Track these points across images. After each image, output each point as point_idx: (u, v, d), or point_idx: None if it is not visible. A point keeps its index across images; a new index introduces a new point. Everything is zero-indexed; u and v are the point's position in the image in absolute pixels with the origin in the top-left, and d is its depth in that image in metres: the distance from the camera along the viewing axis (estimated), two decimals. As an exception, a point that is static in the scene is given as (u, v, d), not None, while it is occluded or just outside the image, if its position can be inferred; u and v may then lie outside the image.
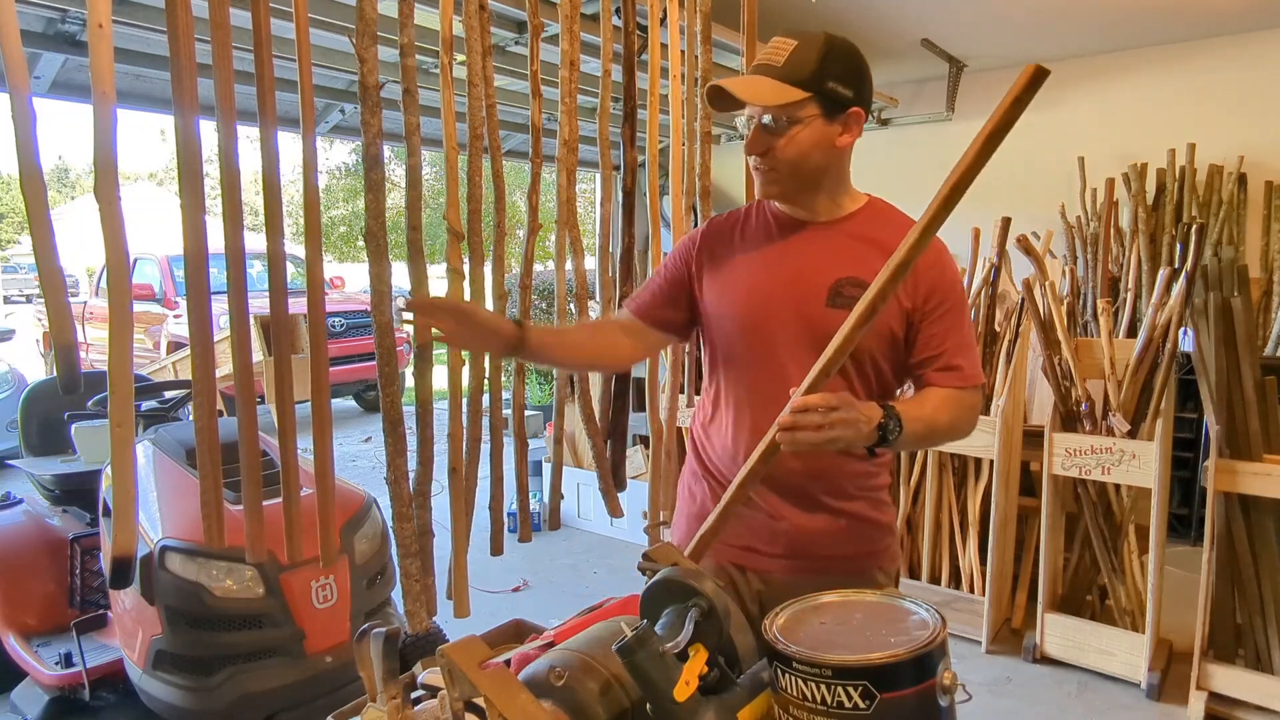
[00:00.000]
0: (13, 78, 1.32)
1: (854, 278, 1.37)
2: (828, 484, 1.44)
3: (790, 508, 1.44)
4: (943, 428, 1.37)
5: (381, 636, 0.98)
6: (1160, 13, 4.39)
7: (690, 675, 0.85)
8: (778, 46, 1.35)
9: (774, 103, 1.32)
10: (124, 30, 2.80)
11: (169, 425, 2.70)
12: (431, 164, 11.69)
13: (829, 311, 1.37)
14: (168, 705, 2.16)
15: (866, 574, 1.49)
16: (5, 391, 5.95)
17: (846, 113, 1.37)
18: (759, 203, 1.52)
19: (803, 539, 1.44)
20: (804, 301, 1.40)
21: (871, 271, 1.29)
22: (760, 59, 1.37)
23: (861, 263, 1.38)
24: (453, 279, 2.09)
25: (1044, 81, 1.04)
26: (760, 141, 1.37)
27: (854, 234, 1.43)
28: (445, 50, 2.01)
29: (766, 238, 1.48)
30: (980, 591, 3.21)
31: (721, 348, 1.50)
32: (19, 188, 1.35)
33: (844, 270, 1.39)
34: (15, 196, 23.44)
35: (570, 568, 4.11)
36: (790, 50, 1.34)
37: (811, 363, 1.29)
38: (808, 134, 1.35)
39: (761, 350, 1.43)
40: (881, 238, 1.39)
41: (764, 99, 1.33)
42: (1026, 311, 3.12)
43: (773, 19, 3.89)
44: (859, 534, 1.47)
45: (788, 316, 1.41)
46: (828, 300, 1.38)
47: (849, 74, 1.37)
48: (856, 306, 1.20)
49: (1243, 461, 2.55)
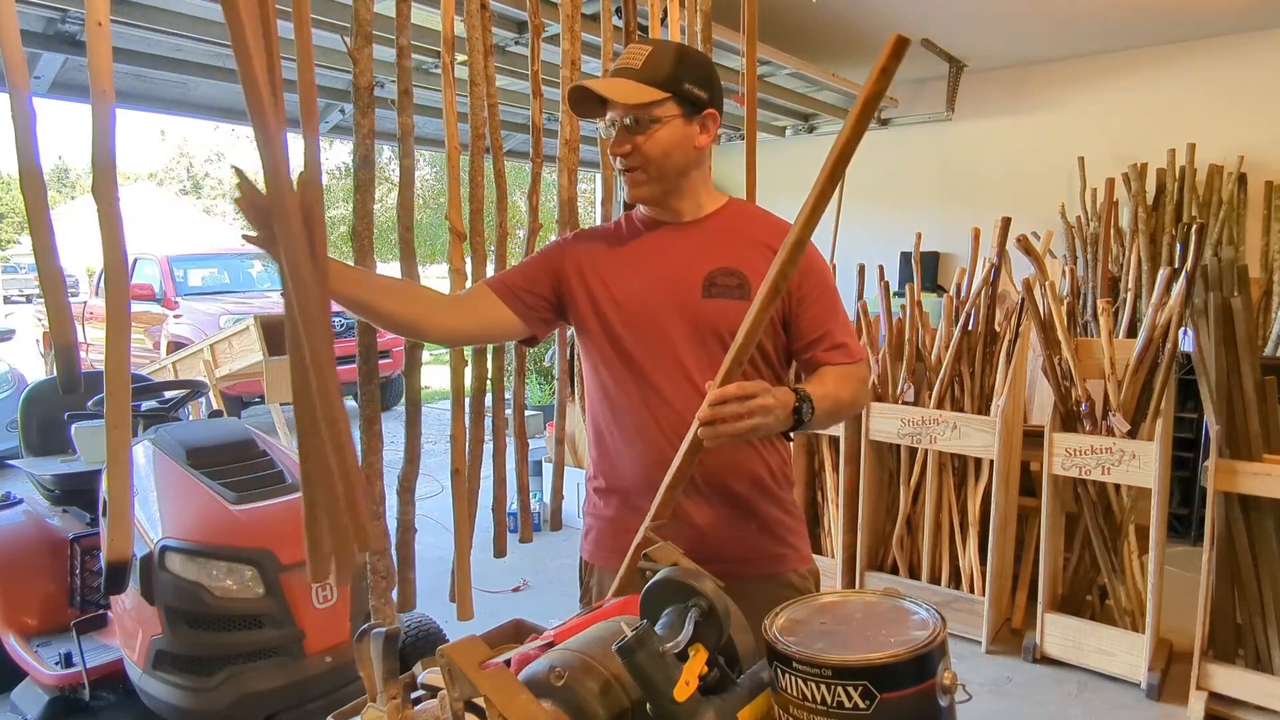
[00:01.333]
0: (13, 78, 1.32)
1: (725, 268, 1.44)
2: (729, 478, 1.45)
3: (700, 509, 1.44)
4: (846, 402, 1.42)
5: (381, 636, 0.98)
6: (1160, 13, 4.39)
7: (690, 675, 0.84)
8: (634, 52, 1.41)
9: (636, 101, 1.38)
10: (124, 30, 2.80)
11: (169, 425, 2.70)
12: (432, 164, 11.69)
13: (705, 302, 1.43)
14: (168, 705, 2.16)
15: (780, 576, 1.49)
16: (5, 391, 5.96)
17: (703, 114, 1.44)
18: (625, 214, 1.59)
19: (714, 542, 1.43)
20: (682, 296, 1.44)
21: (740, 260, 1.44)
22: (618, 64, 1.43)
23: (729, 254, 1.45)
24: (455, 279, 2.09)
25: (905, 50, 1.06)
26: (624, 141, 1.41)
27: (719, 229, 1.50)
28: (447, 50, 2.01)
29: (638, 242, 1.52)
30: (980, 591, 3.21)
31: (608, 354, 1.49)
32: (19, 188, 1.35)
33: (714, 263, 1.45)
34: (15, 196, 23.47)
35: (570, 568, 4.09)
36: (646, 55, 1.40)
37: (698, 355, 1.41)
38: (668, 133, 1.41)
39: (651, 349, 1.45)
40: (746, 230, 1.49)
41: (627, 97, 1.38)
42: (1026, 311, 3.12)
43: (773, 19, 3.89)
44: (769, 534, 1.48)
45: (670, 313, 1.44)
46: (703, 292, 1.44)
47: (703, 78, 1.44)
48: (761, 289, 1.18)
49: (1243, 461, 2.55)
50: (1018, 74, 5.43)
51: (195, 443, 2.47)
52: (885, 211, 5.86)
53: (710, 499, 1.45)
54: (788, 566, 1.51)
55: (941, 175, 5.79)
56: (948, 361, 3.27)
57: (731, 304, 1.42)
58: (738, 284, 1.43)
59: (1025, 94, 5.43)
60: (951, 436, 3.18)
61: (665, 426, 1.42)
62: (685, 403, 1.39)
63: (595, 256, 1.53)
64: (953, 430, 3.17)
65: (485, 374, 2.25)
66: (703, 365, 1.41)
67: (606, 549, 1.56)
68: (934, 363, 3.37)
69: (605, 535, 1.56)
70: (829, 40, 4.66)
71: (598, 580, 1.59)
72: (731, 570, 1.39)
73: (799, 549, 1.54)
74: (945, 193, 5.76)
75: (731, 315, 1.39)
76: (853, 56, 5.08)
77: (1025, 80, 5.41)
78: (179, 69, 3.27)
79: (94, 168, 1.41)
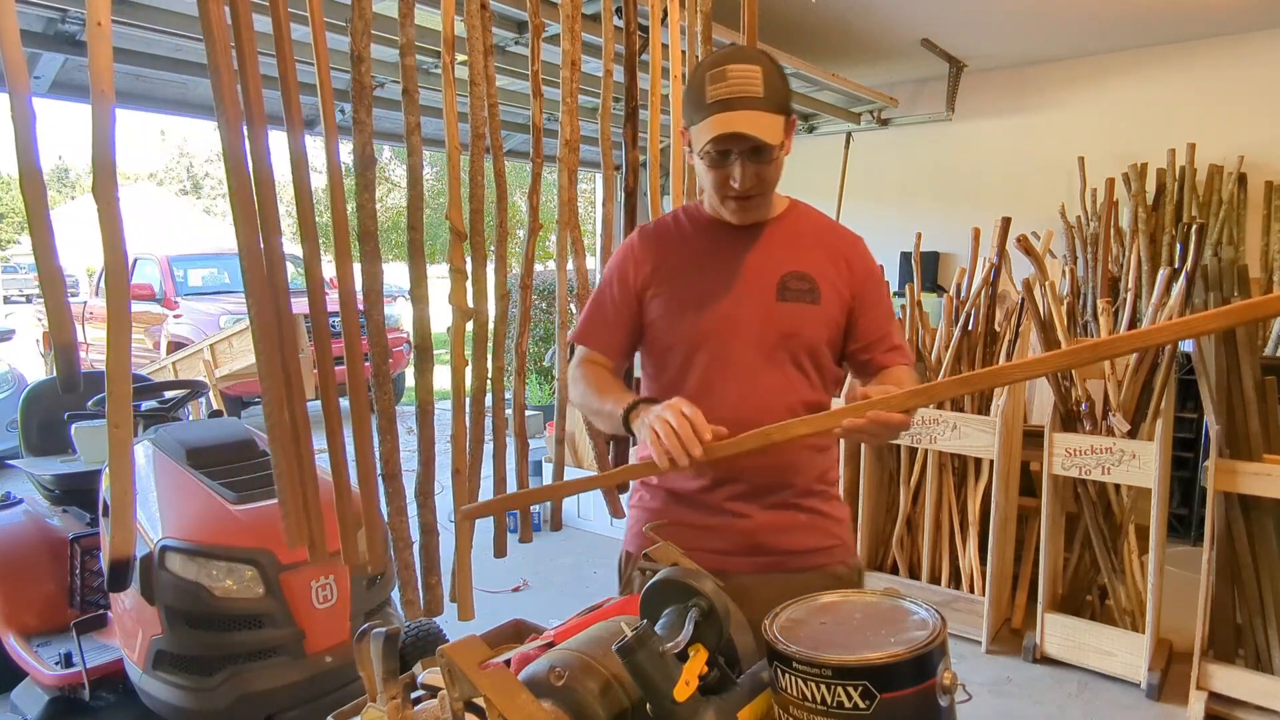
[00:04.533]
0: (13, 78, 1.32)
1: (796, 271, 1.45)
2: (787, 481, 1.46)
3: (751, 506, 1.46)
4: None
5: (381, 636, 0.98)
6: (1160, 13, 4.39)
7: (690, 675, 0.84)
8: (747, 75, 1.34)
9: (780, 138, 1.36)
10: (124, 30, 2.80)
11: (169, 425, 2.70)
12: (432, 164, 11.70)
13: (780, 306, 1.44)
14: (168, 705, 2.16)
15: (828, 568, 1.50)
16: (5, 391, 5.95)
17: (789, 121, 1.43)
18: (684, 209, 1.57)
19: (765, 535, 1.46)
20: (755, 301, 1.45)
21: (810, 264, 1.46)
22: (736, 90, 1.34)
23: (799, 257, 1.47)
24: (455, 278, 2.09)
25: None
26: (751, 174, 1.38)
27: (788, 231, 1.50)
28: (447, 50, 2.01)
29: (707, 243, 1.51)
30: (980, 591, 3.21)
31: (673, 353, 1.49)
32: (19, 188, 1.35)
33: (786, 265, 1.46)
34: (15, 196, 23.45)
35: (570, 568, 4.10)
36: (760, 77, 1.34)
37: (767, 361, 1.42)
38: (783, 155, 1.41)
39: (717, 354, 1.45)
40: (812, 233, 1.51)
41: (774, 135, 1.35)
42: (1026, 311, 3.12)
43: (773, 19, 3.89)
44: (818, 527, 1.50)
45: (741, 317, 1.45)
46: (778, 296, 1.44)
47: (789, 86, 1.42)
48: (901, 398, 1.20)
49: (1243, 461, 2.55)
50: (1018, 74, 5.43)
51: (195, 443, 2.47)
52: (885, 211, 5.86)
53: (765, 498, 1.46)
54: (835, 559, 1.53)
55: (941, 175, 5.78)
56: (948, 361, 3.27)
57: (804, 308, 1.44)
58: (809, 289, 1.45)
59: (1025, 94, 5.43)
60: (951, 436, 3.18)
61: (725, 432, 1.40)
62: (747, 404, 1.41)
63: (661, 264, 1.51)
64: (953, 430, 3.17)
65: (485, 374, 2.25)
66: (769, 367, 1.44)
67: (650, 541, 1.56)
68: (934, 363, 3.37)
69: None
70: (829, 40, 4.66)
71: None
72: (782, 563, 1.46)
73: (845, 542, 1.56)
74: (945, 193, 5.76)
75: (803, 320, 1.45)
76: (853, 56, 5.07)
77: (1025, 80, 5.41)
78: (179, 69, 3.27)
79: (94, 168, 1.41)
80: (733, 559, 1.45)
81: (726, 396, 1.42)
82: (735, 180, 1.39)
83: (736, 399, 1.42)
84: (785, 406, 1.40)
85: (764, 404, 1.41)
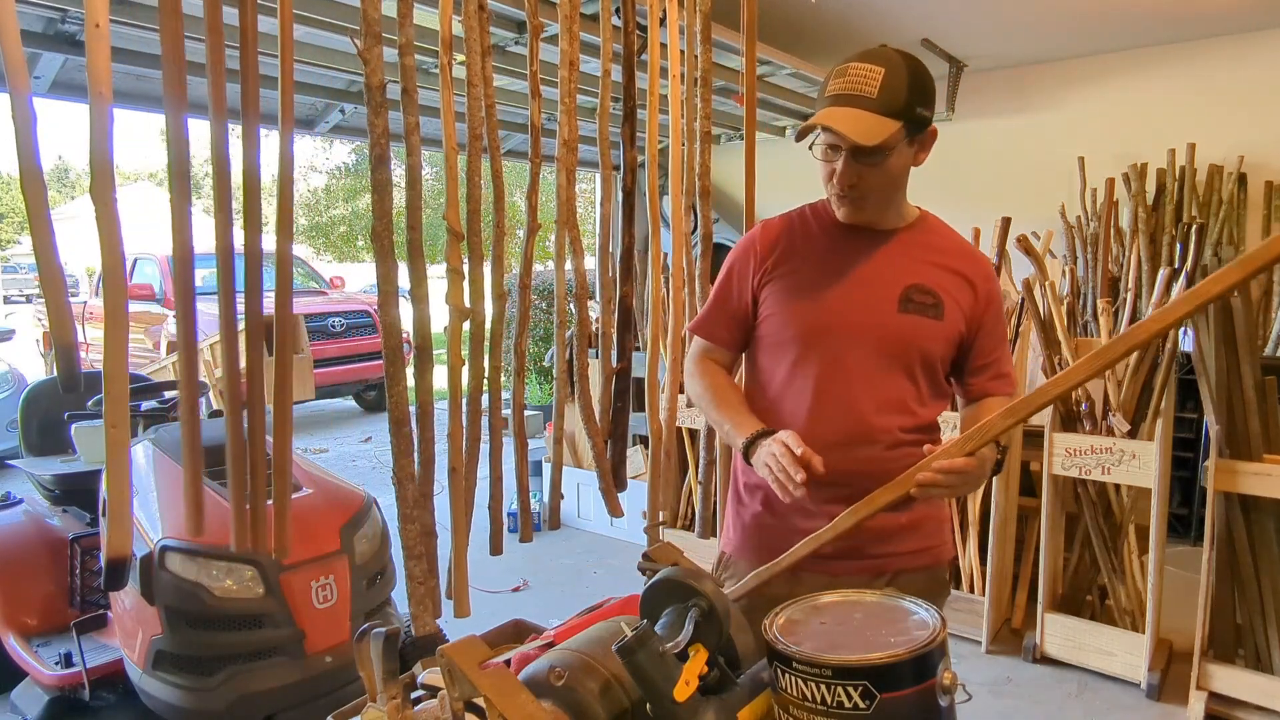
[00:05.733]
0: (13, 78, 1.32)
1: (921, 285, 1.43)
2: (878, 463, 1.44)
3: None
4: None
5: (381, 636, 0.98)
6: (1160, 13, 4.39)
7: (690, 675, 0.84)
8: (865, 75, 1.33)
9: (879, 140, 1.32)
10: (123, 30, 2.80)
11: (169, 425, 2.70)
12: (431, 164, 11.69)
13: (900, 318, 1.42)
14: (168, 705, 2.16)
15: (932, 570, 1.52)
16: (5, 391, 5.95)
17: (925, 132, 1.41)
18: (813, 207, 1.55)
19: (873, 537, 1.44)
20: (875, 308, 1.43)
21: (935, 280, 1.44)
22: (847, 86, 1.34)
23: (925, 271, 1.45)
24: (453, 279, 2.09)
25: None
26: (852, 172, 1.37)
27: (915, 243, 1.49)
28: (445, 50, 2.01)
29: (831, 244, 1.49)
30: (980, 591, 3.21)
31: (783, 354, 1.49)
32: (19, 188, 1.35)
33: (911, 278, 1.44)
34: (15, 196, 23.45)
35: (570, 568, 4.10)
36: (880, 79, 1.33)
37: (881, 369, 1.41)
38: (896, 160, 1.38)
39: (830, 357, 1.44)
40: (940, 248, 1.49)
41: (868, 137, 1.32)
42: (1026, 311, 3.12)
43: (773, 19, 3.89)
44: (921, 529, 1.50)
45: (859, 323, 1.43)
46: (899, 307, 1.43)
47: (929, 96, 1.39)
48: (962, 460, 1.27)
49: (1243, 461, 2.55)
50: (1018, 74, 5.43)
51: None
52: (885, 211, 5.85)
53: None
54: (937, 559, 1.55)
55: (941, 175, 5.75)
56: (948, 361, 3.27)
57: (925, 322, 1.43)
58: (933, 303, 1.43)
59: (1025, 94, 5.42)
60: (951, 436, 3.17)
61: (831, 435, 1.41)
62: (857, 415, 1.42)
63: (782, 262, 1.50)
64: (953, 430, 3.16)
65: (482, 373, 2.25)
66: (882, 375, 1.43)
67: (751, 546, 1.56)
68: (934, 363, 3.37)
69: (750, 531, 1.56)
70: (829, 40, 4.65)
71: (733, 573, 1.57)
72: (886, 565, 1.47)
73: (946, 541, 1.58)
74: (945, 193, 5.73)
75: (924, 333, 1.43)
76: (853, 56, 5.07)
77: (1025, 80, 5.41)
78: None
79: (92, 169, 1.41)
80: (844, 563, 1.44)
81: (837, 402, 1.43)
82: (837, 176, 1.39)
83: (847, 405, 1.42)
84: (894, 416, 1.43)
85: (874, 411, 1.42)
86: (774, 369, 1.51)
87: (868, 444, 1.43)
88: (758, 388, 1.55)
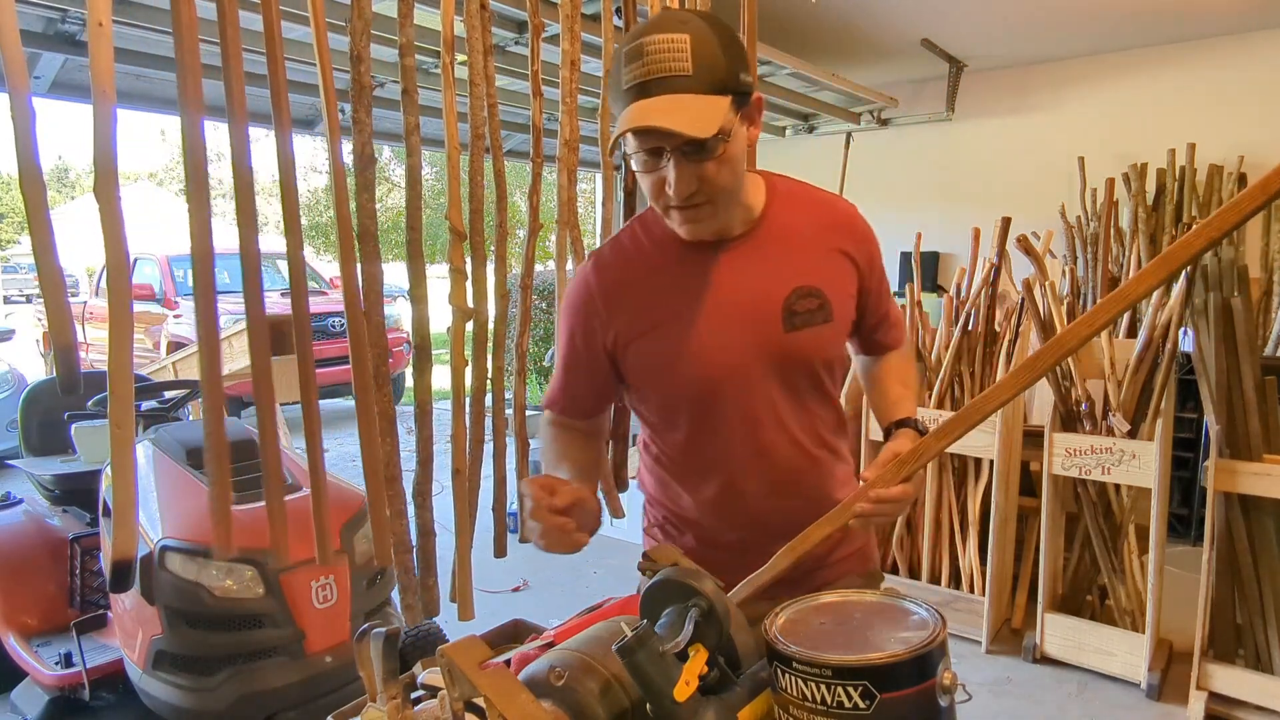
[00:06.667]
0: (13, 78, 1.32)
1: (800, 287, 1.23)
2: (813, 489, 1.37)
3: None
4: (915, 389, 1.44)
5: (381, 636, 0.98)
6: (1160, 13, 4.39)
7: (690, 675, 0.84)
8: (670, 47, 1.04)
9: (715, 127, 1.05)
10: (124, 30, 2.80)
11: (169, 425, 2.70)
12: (432, 164, 11.70)
13: (789, 338, 1.23)
14: (168, 705, 2.16)
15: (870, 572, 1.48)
16: (5, 391, 5.95)
17: (751, 102, 1.14)
18: (641, 222, 1.31)
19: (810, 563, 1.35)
20: (759, 337, 1.23)
21: (813, 275, 1.23)
22: (654, 67, 1.04)
23: (799, 266, 1.24)
24: (455, 278, 2.09)
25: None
26: (689, 177, 1.10)
27: (775, 235, 1.25)
28: (446, 50, 2.01)
29: (682, 270, 1.24)
30: (980, 591, 3.21)
31: (672, 421, 1.30)
32: (19, 188, 1.35)
33: (788, 283, 1.23)
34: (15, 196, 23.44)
35: (570, 568, 4.10)
36: (688, 47, 1.04)
37: (786, 400, 1.26)
38: (734, 146, 1.11)
39: (728, 410, 1.25)
40: (800, 227, 1.26)
41: (704, 125, 1.05)
42: (1026, 311, 3.12)
43: (773, 19, 3.89)
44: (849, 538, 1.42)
45: (746, 363, 1.23)
46: (785, 326, 1.22)
47: (744, 56, 1.11)
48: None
49: (1243, 461, 2.55)
50: (1018, 74, 5.43)
51: (195, 443, 2.47)
52: (885, 211, 5.83)
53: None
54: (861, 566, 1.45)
55: (941, 175, 5.78)
56: (948, 362, 3.27)
57: (817, 331, 1.24)
58: (819, 305, 1.24)
59: (1025, 94, 5.43)
60: (951, 436, 3.17)
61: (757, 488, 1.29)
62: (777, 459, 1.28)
63: (636, 307, 1.25)
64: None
65: (485, 374, 2.25)
66: (793, 409, 1.28)
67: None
68: (934, 363, 3.37)
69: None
70: (829, 40, 4.65)
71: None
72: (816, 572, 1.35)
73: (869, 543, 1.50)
74: (945, 193, 5.76)
75: (819, 344, 1.25)
76: (853, 57, 5.07)
77: (1025, 80, 5.41)
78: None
79: (95, 169, 1.41)
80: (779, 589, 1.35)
81: (750, 443, 1.27)
82: (670, 186, 1.11)
83: (761, 452, 1.27)
84: (811, 436, 1.31)
85: (793, 451, 1.29)
86: (668, 435, 1.32)
87: (796, 483, 1.30)
88: (659, 461, 1.37)
